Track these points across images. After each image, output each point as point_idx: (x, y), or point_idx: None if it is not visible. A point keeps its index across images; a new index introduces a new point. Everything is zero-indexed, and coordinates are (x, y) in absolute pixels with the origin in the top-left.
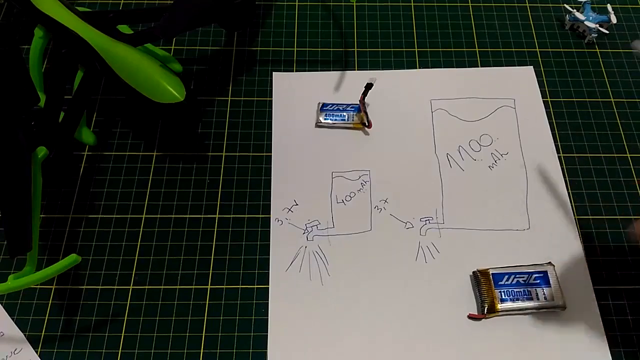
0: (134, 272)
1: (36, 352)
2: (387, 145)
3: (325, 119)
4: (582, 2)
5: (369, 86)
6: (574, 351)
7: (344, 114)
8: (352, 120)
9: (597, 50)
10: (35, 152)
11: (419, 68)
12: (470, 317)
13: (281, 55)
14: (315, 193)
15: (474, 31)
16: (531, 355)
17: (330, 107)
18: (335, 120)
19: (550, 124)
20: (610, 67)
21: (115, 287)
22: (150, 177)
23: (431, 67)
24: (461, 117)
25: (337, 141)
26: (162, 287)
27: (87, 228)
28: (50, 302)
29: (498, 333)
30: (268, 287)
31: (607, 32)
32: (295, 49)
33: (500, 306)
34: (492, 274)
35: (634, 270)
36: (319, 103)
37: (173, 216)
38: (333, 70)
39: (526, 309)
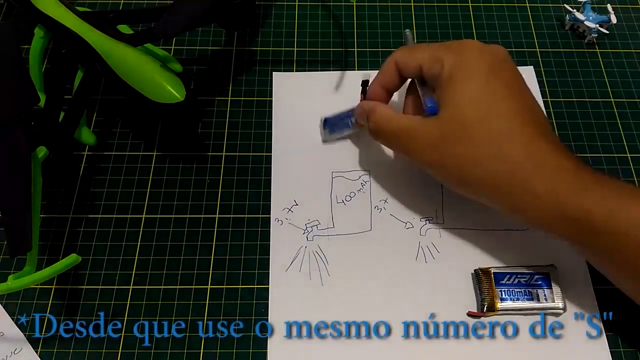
0: (134, 272)
1: (36, 352)
2: None
3: (331, 134)
4: (582, 2)
5: (364, 83)
6: (574, 351)
7: (348, 120)
8: (355, 122)
9: (597, 50)
10: (35, 152)
11: None
12: (470, 314)
13: (281, 55)
14: (315, 193)
15: (474, 31)
16: (530, 355)
17: (333, 119)
18: (343, 131)
19: (550, 124)
20: (610, 67)
21: (115, 287)
22: (150, 177)
23: None
24: None
25: (337, 141)
26: (162, 287)
27: (87, 228)
28: (50, 302)
29: (498, 332)
30: (268, 287)
31: (607, 32)
32: (295, 49)
33: (500, 305)
34: (494, 272)
35: None
36: (321, 119)
37: (173, 216)
38: (333, 70)
39: (526, 309)
